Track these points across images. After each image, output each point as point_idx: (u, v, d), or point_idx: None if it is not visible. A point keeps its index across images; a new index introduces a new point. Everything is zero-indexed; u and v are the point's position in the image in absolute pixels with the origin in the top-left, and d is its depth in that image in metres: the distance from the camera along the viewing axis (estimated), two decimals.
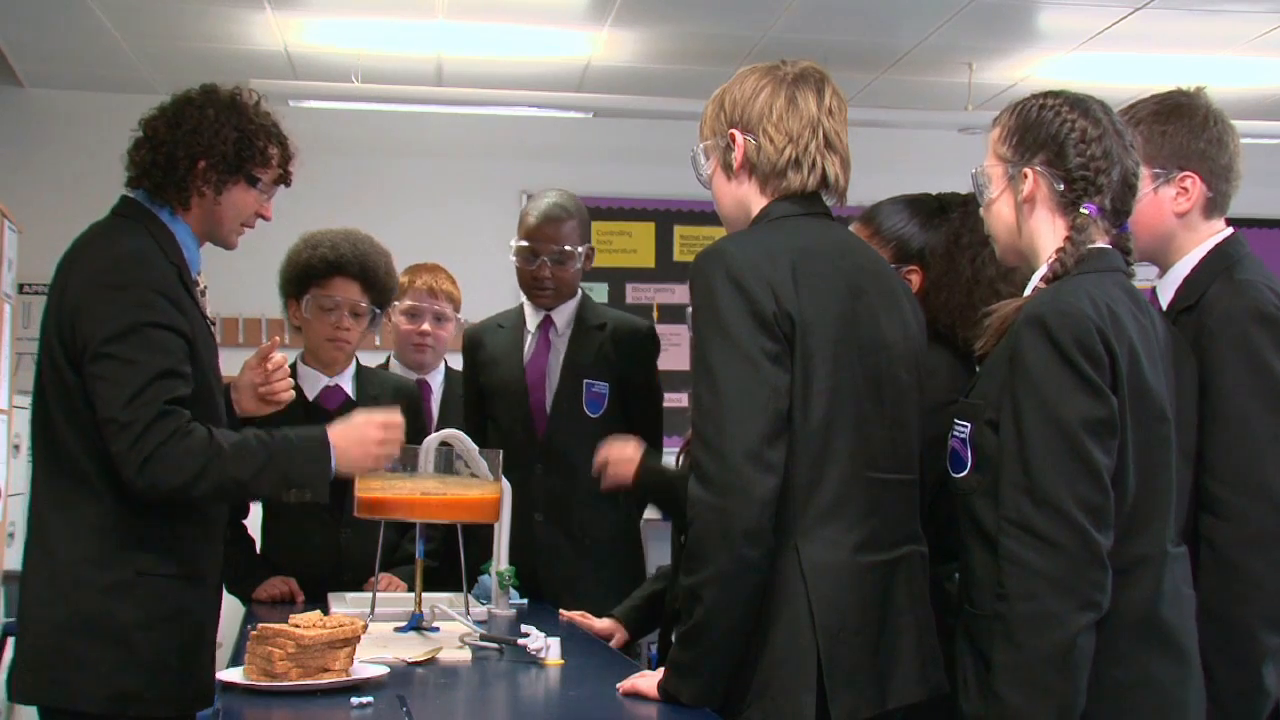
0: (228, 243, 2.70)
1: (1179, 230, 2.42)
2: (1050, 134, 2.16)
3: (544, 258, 3.45)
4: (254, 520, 3.41)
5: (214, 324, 2.70)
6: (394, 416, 2.68)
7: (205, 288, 2.73)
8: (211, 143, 2.58)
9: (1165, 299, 2.43)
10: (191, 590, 2.55)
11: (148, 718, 2.48)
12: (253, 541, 3.39)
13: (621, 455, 2.80)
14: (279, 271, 3.42)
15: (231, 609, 3.18)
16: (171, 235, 2.58)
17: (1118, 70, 5.92)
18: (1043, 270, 2.16)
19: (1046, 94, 2.22)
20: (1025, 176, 2.18)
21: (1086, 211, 2.14)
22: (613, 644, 2.91)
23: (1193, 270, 2.41)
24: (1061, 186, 2.16)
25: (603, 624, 2.95)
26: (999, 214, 2.24)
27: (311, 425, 2.65)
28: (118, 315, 2.43)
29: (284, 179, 2.73)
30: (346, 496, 3.25)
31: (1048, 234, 2.18)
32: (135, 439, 2.37)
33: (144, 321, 2.43)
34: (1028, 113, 2.20)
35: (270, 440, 2.51)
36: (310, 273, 3.34)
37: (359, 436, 2.62)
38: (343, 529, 3.28)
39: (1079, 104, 2.18)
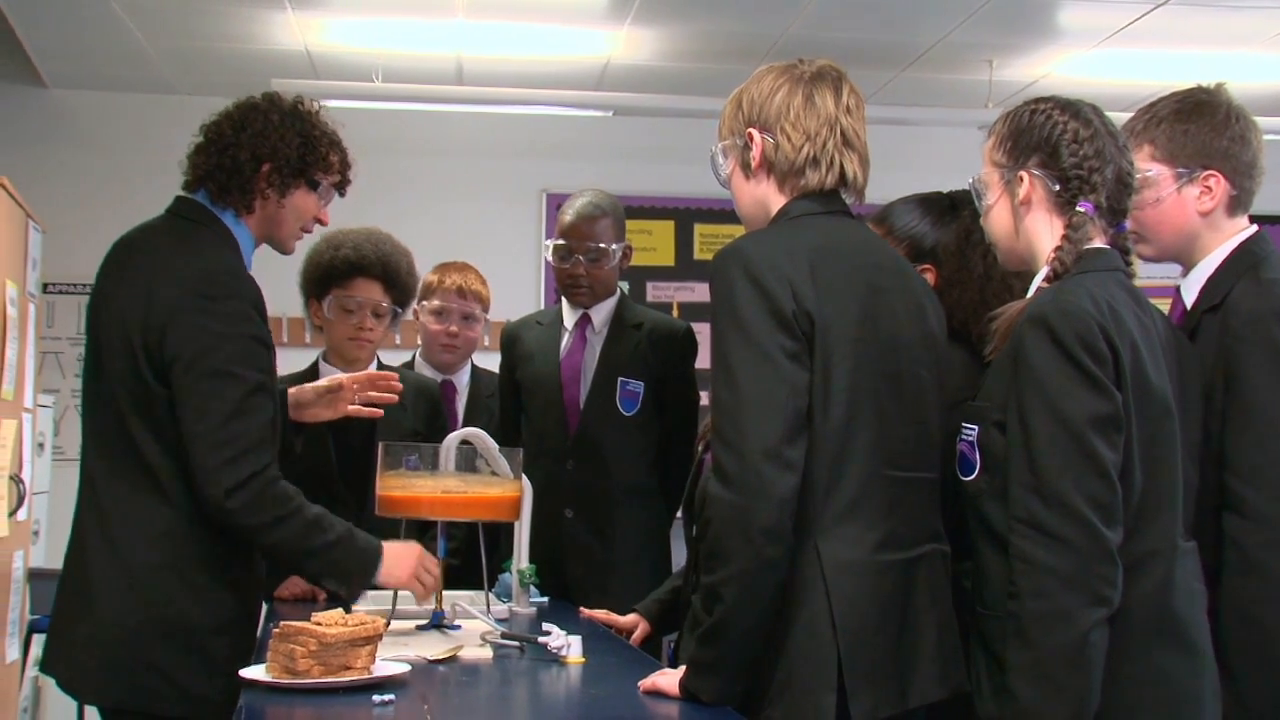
0: (286, 246, 2.72)
1: (1203, 229, 2.42)
2: (1043, 136, 2.19)
3: (579, 256, 3.47)
4: None
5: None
6: (435, 564, 2.73)
7: None
8: (277, 146, 2.61)
9: (1189, 298, 2.42)
10: (252, 596, 2.61)
11: None
12: None
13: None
14: (300, 271, 3.43)
15: None
16: (235, 240, 2.60)
17: (1138, 67, 5.90)
18: (1043, 271, 2.17)
19: (1037, 100, 2.25)
20: (1021, 180, 2.20)
21: (1082, 210, 2.15)
22: (635, 636, 2.91)
23: (1217, 269, 2.40)
24: (1057, 187, 2.18)
25: (626, 620, 2.96)
26: (997, 219, 2.26)
27: (372, 536, 2.67)
28: (216, 329, 2.45)
29: (342, 185, 2.77)
30: (367, 495, 3.27)
31: (1045, 234, 2.19)
32: (231, 460, 2.40)
33: (241, 334, 2.47)
34: (1019, 118, 2.23)
35: (340, 529, 2.55)
36: (332, 273, 3.35)
37: (406, 563, 2.65)
38: (364, 528, 3.28)
39: (1069, 106, 2.21)
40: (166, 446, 2.47)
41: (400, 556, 2.65)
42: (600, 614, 3.00)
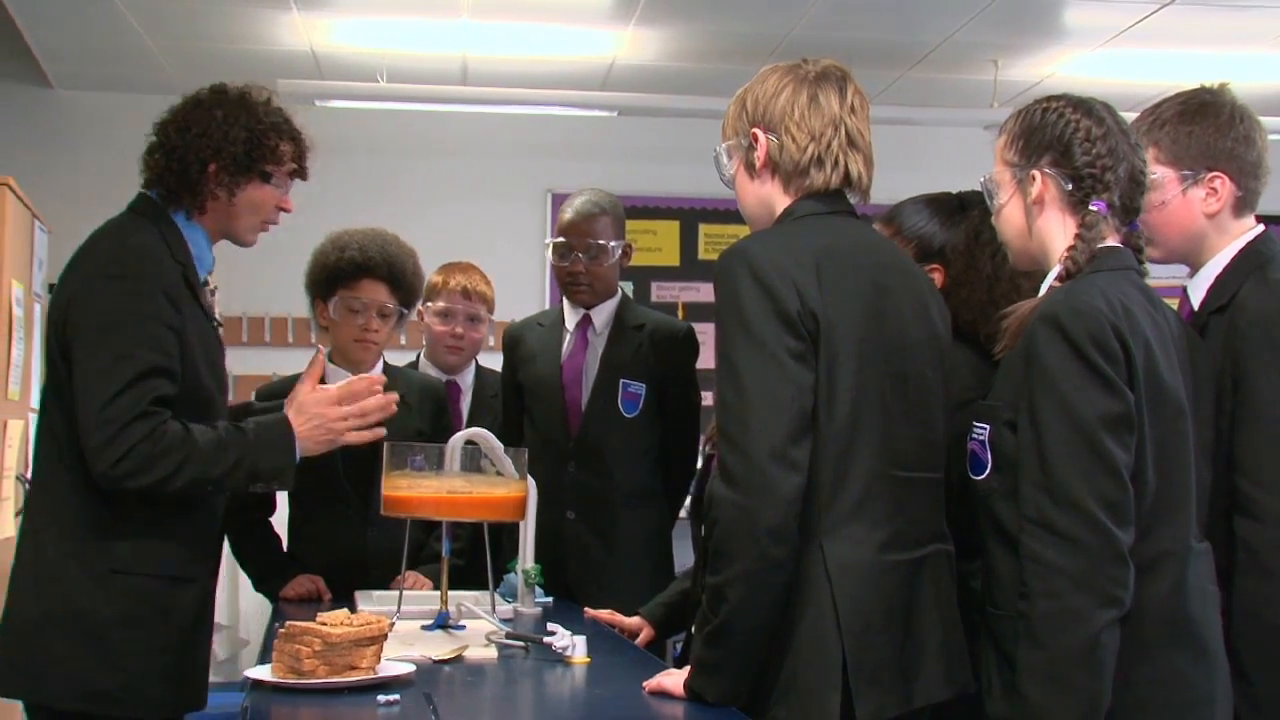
0: (244, 240, 2.70)
1: (1210, 231, 2.41)
2: (1055, 135, 2.17)
3: (578, 253, 3.47)
4: (279, 519, 3.43)
5: (220, 325, 2.71)
6: (351, 385, 2.67)
7: (215, 289, 2.75)
8: (221, 144, 2.58)
9: (1196, 299, 2.42)
10: (176, 591, 2.53)
11: (124, 719, 2.47)
12: (279, 539, 3.41)
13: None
14: (305, 272, 3.43)
15: (258, 607, 3.20)
16: (181, 236, 2.59)
17: (1143, 67, 5.90)
18: (1056, 270, 2.16)
19: (1049, 98, 2.23)
20: (1033, 178, 2.19)
21: (1095, 209, 2.15)
22: (639, 641, 2.92)
23: (1224, 270, 2.39)
24: (1070, 185, 2.17)
25: (630, 622, 2.96)
26: (1009, 219, 2.25)
27: (271, 417, 2.61)
28: (111, 306, 2.44)
29: (299, 173, 2.74)
30: (373, 495, 3.28)
31: (1058, 234, 2.18)
32: (110, 438, 2.37)
33: (137, 313, 2.43)
34: (1031, 117, 2.22)
35: (239, 436, 2.51)
36: (338, 274, 3.35)
37: (318, 422, 2.60)
38: (369, 527, 3.29)
39: (1081, 104, 2.20)
40: (72, 433, 2.45)
41: (312, 427, 2.58)
42: (605, 614, 3.00)
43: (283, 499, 3.43)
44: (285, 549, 3.40)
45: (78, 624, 2.43)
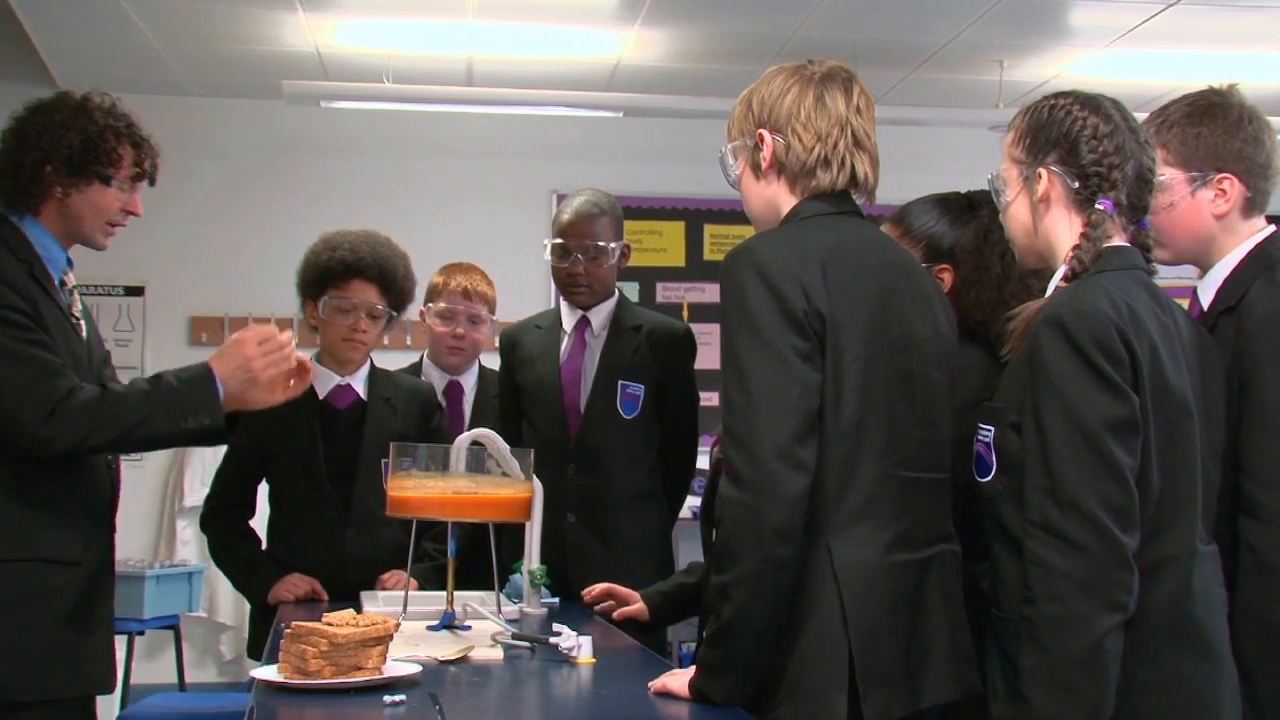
0: (93, 242, 2.74)
1: (1219, 232, 2.41)
2: (1062, 132, 2.16)
3: (577, 254, 3.47)
4: (258, 520, 3.43)
5: (78, 320, 2.73)
6: (268, 330, 2.71)
7: (74, 287, 2.76)
8: (54, 146, 2.63)
9: (1206, 300, 2.41)
10: (52, 574, 2.56)
11: (20, 703, 2.49)
12: (259, 540, 3.41)
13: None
14: (297, 272, 3.43)
15: (240, 602, 3.21)
16: (22, 235, 2.63)
17: (1149, 67, 5.89)
18: (1062, 270, 2.16)
19: (1058, 94, 2.22)
20: (1040, 176, 2.18)
21: (1101, 207, 2.14)
22: (627, 611, 2.98)
23: (1233, 271, 2.39)
24: (1076, 184, 2.15)
25: (626, 592, 3.02)
26: (1016, 216, 2.24)
27: (186, 370, 2.67)
28: None
29: (142, 176, 2.75)
30: (353, 497, 3.28)
31: (1064, 232, 2.18)
32: (30, 397, 2.45)
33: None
34: (1039, 114, 2.20)
35: (157, 382, 2.58)
36: (328, 274, 3.34)
37: (235, 359, 2.65)
38: (349, 529, 3.29)
39: (1090, 102, 2.18)
40: None
41: (231, 364, 2.64)
42: (600, 588, 3.03)
43: (264, 501, 3.43)
44: (264, 551, 3.40)
45: None
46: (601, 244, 3.47)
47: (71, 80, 6.29)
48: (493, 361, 3.98)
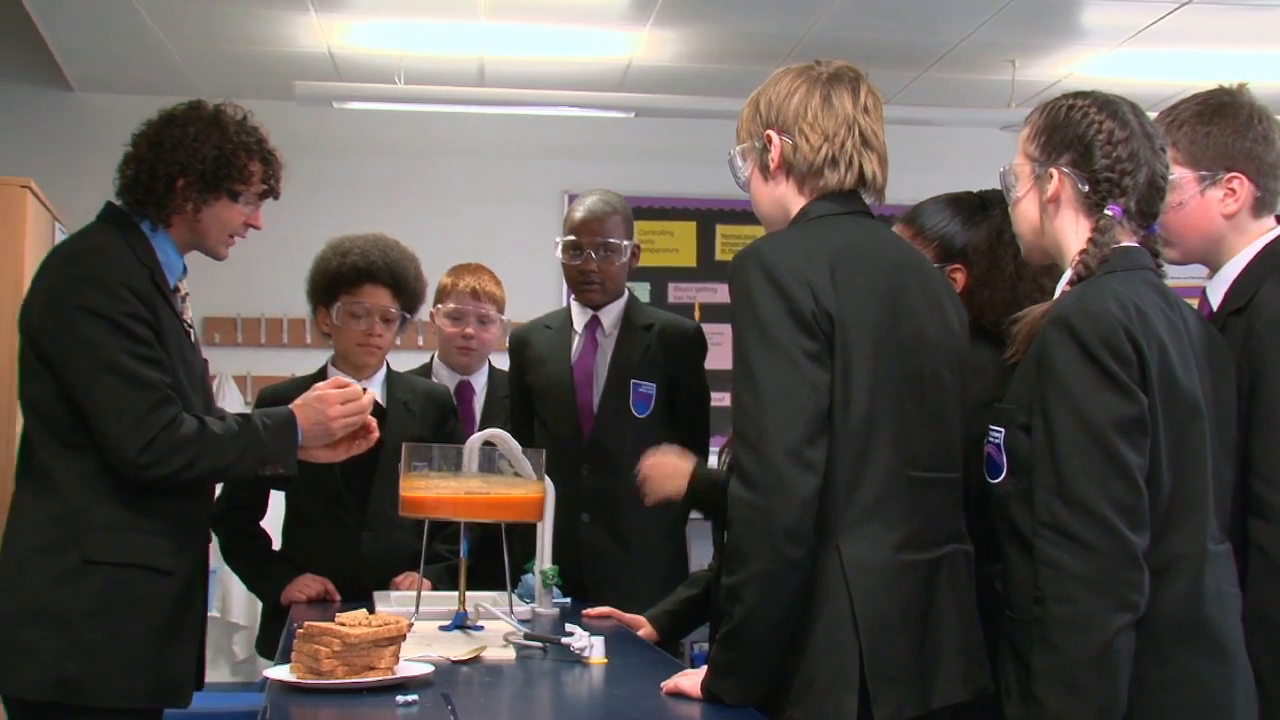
0: (215, 254, 2.76)
1: (1228, 232, 2.40)
2: (1077, 134, 2.16)
3: (589, 251, 3.47)
4: (272, 522, 3.44)
5: (191, 328, 2.76)
6: (353, 389, 2.76)
7: (187, 294, 2.78)
8: (189, 161, 2.63)
9: (1215, 300, 2.41)
10: (152, 581, 2.57)
11: (97, 708, 2.50)
12: (270, 540, 3.42)
13: (665, 469, 2.77)
14: (307, 278, 3.44)
15: (253, 602, 3.22)
16: (148, 243, 2.64)
17: (1161, 67, 5.88)
18: (1068, 274, 2.16)
19: (1077, 94, 2.21)
20: (1051, 176, 2.18)
21: (1110, 213, 2.13)
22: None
23: (1243, 271, 2.38)
24: (1086, 188, 2.15)
25: (630, 618, 2.96)
26: (1024, 213, 2.24)
27: (278, 406, 2.73)
28: (90, 306, 2.49)
29: (269, 193, 2.77)
30: (369, 500, 3.28)
31: (1071, 235, 2.17)
32: (131, 428, 2.46)
33: (118, 312, 2.50)
34: (1056, 113, 2.20)
35: (247, 425, 2.61)
36: (340, 280, 3.35)
37: (317, 414, 2.69)
38: (364, 532, 3.30)
39: (1108, 105, 2.17)
40: (50, 431, 2.53)
41: (314, 420, 2.68)
42: (601, 611, 3.01)
43: (277, 502, 3.44)
44: (276, 551, 3.41)
45: (48, 615, 2.48)
46: (613, 241, 3.48)
47: (85, 82, 6.33)
48: (502, 362, 3.99)
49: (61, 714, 2.49)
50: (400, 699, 2.11)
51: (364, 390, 2.80)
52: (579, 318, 3.57)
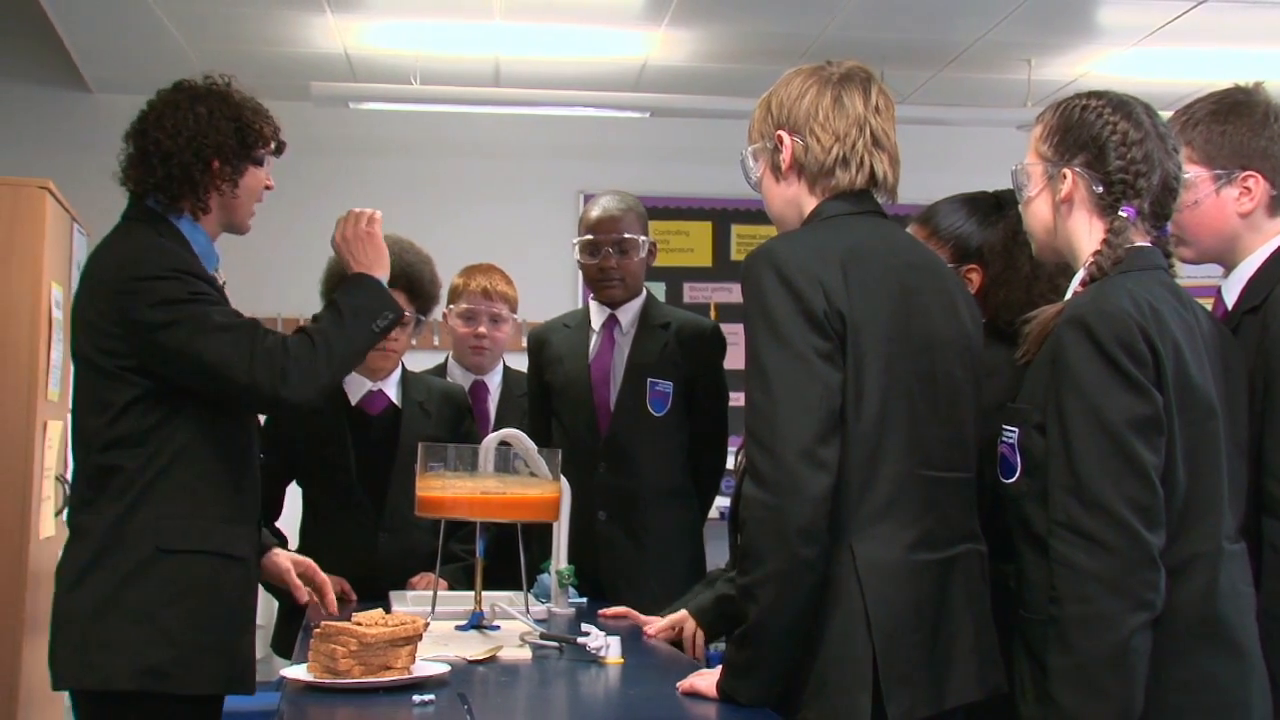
0: (244, 228, 2.77)
1: (1243, 231, 2.39)
2: (1091, 135, 2.15)
3: (607, 249, 3.49)
4: (287, 522, 3.45)
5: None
6: (363, 211, 2.79)
7: (225, 282, 2.79)
8: (218, 140, 2.63)
9: (1230, 299, 2.40)
10: (223, 568, 2.60)
11: (180, 695, 2.52)
12: (285, 539, 3.43)
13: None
14: (322, 280, 3.44)
15: (269, 601, 3.23)
16: (183, 236, 2.64)
17: (1178, 65, 5.86)
18: (1081, 274, 2.15)
19: (1090, 94, 2.20)
20: (1064, 177, 2.17)
21: (1124, 215, 2.13)
22: (658, 629, 2.87)
23: (1258, 270, 2.37)
24: (1100, 189, 2.15)
25: (646, 619, 2.94)
26: (1036, 212, 2.24)
27: (347, 284, 2.74)
28: (165, 294, 2.51)
29: (279, 149, 2.79)
30: (386, 501, 3.29)
31: (1085, 235, 2.17)
32: (255, 363, 2.51)
33: (193, 293, 2.54)
34: (1070, 113, 2.19)
35: (335, 310, 2.66)
36: None
37: (359, 244, 2.75)
38: (381, 533, 3.31)
39: (1122, 106, 2.17)
40: (114, 429, 2.53)
41: (357, 249, 2.74)
42: (617, 611, 3.00)
43: (293, 502, 3.45)
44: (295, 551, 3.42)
45: (128, 605, 2.50)
46: (630, 237, 3.50)
47: (103, 84, 6.35)
48: (518, 361, 4.00)
49: (143, 703, 2.50)
50: (416, 698, 2.11)
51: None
52: (597, 316, 3.58)
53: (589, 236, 3.51)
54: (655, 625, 2.88)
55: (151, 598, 2.51)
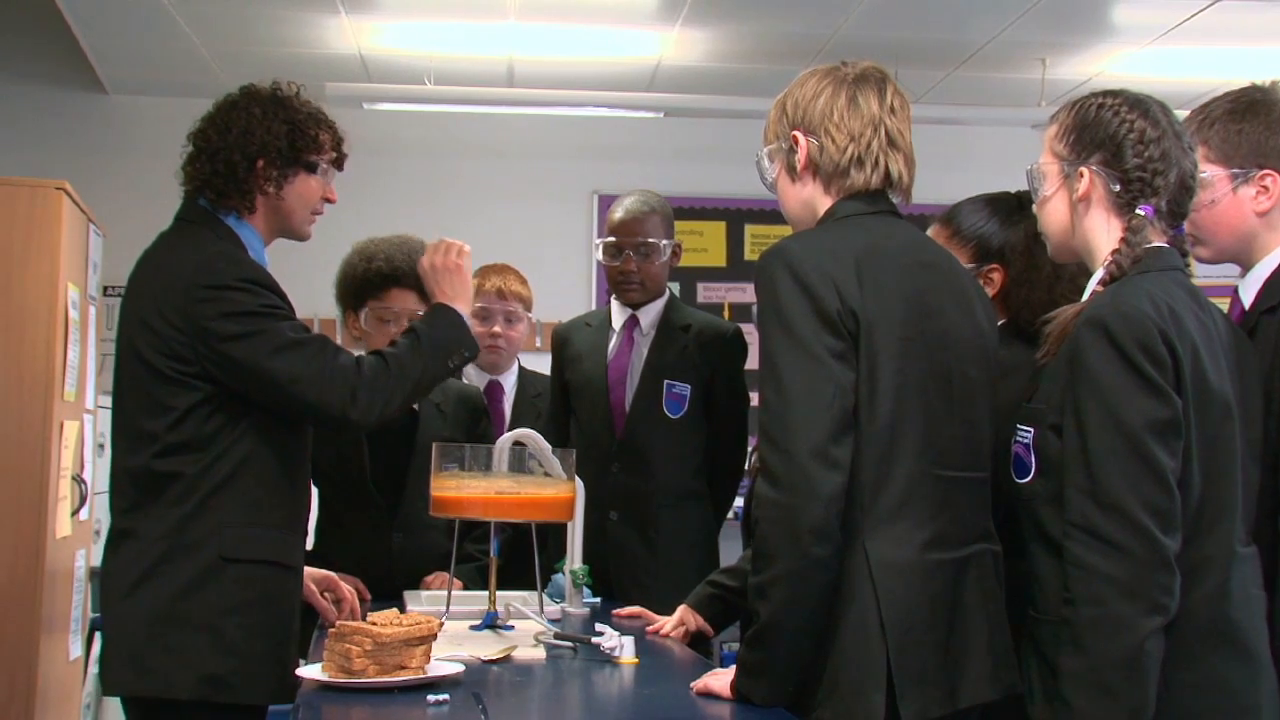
0: (301, 233, 2.76)
1: (1261, 230, 2.38)
2: (1108, 134, 2.15)
3: (629, 251, 3.49)
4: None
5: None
6: (450, 243, 2.81)
7: None
8: (265, 140, 2.63)
9: (1247, 299, 2.39)
10: (279, 578, 2.61)
11: (238, 704, 2.52)
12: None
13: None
14: (335, 283, 3.45)
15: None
16: (237, 238, 2.64)
17: (1194, 65, 5.84)
18: (1099, 274, 2.14)
19: (1106, 93, 2.20)
20: (1081, 176, 2.17)
21: (1142, 213, 2.12)
22: (682, 630, 2.88)
23: (1275, 270, 2.36)
24: (1118, 187, 2.14)
25: (660, 618, 2.94)
26: (1053, 212, 2.23)
27: (430, 315, 2.75)
28: (238, 305, 2.51)
29: (339, 162, 2.78)
30: (401, 501, 3.29)
31: (1102, 234, 2.16)
32: (329, 382, 2.51)
33: (265, 305, 2.53)
34: (1086, 111, 2.18)
35: (415, 337, 2.66)
36: (366, 286, 3.36)
37: (458, 281, 2.76)
38: (395, 533, 3.31)
39: (1138, 104, 2.16)
40: (176, 435, 2.52)
41: (449, 283, 2.75)
42: (631, 610, 3.00)
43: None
44: (310, 550, 3.42)
45: (190, 613, 2.50)
46: (653, 240, 3.50)
47: (119, 84, 6.37)
48: (533, 362, 4.00)
49: (200, 713, 2.50)
50: (431, 698, 2.12)
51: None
52: (618, 317, 3.59)
53: (611, 238, 3.52)
54: (662, 626, 2.89)
55: (213, 606, 2.51)
